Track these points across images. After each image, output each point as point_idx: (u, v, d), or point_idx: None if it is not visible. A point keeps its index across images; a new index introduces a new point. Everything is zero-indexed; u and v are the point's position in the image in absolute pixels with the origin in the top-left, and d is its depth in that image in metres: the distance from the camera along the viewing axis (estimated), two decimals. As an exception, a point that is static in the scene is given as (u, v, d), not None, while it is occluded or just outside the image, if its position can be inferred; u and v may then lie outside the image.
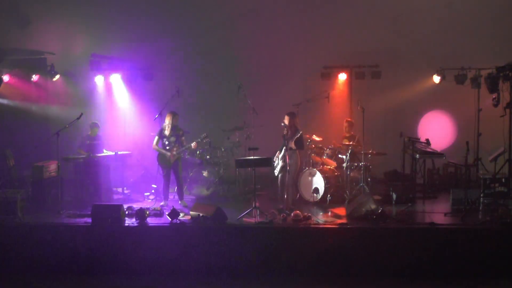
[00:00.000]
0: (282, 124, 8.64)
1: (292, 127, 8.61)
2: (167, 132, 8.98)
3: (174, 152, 8.94)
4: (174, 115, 8.96)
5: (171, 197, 9.33)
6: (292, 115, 8.72)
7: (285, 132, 8.64)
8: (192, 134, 9.47)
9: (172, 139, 8.98)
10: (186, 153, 9.52)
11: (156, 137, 9.06)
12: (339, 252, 7.33)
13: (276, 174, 8.76)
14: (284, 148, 8.51)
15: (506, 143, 8.50)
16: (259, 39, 11.45)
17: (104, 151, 9.99)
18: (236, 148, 10.42)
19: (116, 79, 11.27)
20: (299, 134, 8.52)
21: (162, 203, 8.97)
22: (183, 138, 9.09)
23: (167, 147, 9.00)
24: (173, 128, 8.97)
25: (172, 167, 9.03)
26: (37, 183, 8.96)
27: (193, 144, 8.94)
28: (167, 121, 8.97)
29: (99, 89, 11.36)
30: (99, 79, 11.18)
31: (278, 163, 8.64)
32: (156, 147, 9.06)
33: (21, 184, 9.42)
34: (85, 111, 9.07)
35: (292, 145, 8.53)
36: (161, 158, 9.05)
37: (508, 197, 8.31)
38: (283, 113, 8.81)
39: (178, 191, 9.20)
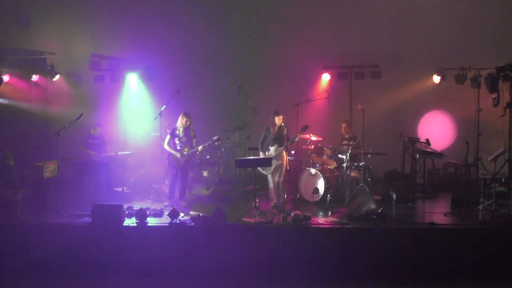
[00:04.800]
0: (283, 124, 8.64)
1: (283, 125, 8.64)
2: (179, 133, 8.99)
3: (185, 153, 8.95)
4: (187, 116, 8.95)
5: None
6: (281, 113, 8.72)
7: (276, 132, 8.61)
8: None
9: (184, 139, 8.98)
10: (196, 155, 9.51)
11: (168, 136, 9.06)
12: (339, 252, 7.33)
13: (270, 173, 8.70)
14: (277, 146, 8.53)
15: (506, 143, 8.50)
16: (259, 39, 11.45)
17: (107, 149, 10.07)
18: (236, 148, 10.43)
19: (116, 79, 11.26)
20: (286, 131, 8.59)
21: (165, 203, 8.99)
22: (194, 139, 9.09)
23: (178, 147, 9.02)
24: (186, 129, 8.98)
25: (181, 167, 9.05)
26: (37, 183, 8.96)
27: (200, 148, 8.97)
28: (179, 121, 8.96)
29: (99, 89, 11.38)
30: (99, 79, 11.20)
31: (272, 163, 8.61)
32: (167, 146, 9.06)
33: (21, 184, 9.43)
34: (85, 111, 9.07)
35: (286, 143, 8.57)
36: (171, 157, 9.07)
37: (508, 197, 8.32)
38: (283, 113, 8.79)
39: (180, 190, 9.20)
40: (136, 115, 11.45)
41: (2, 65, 10.26)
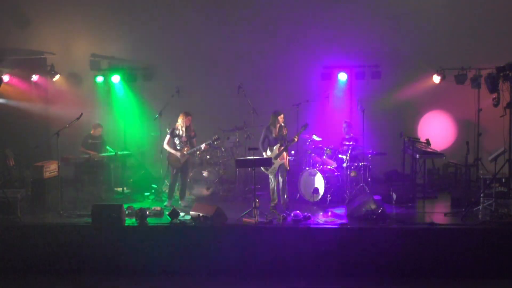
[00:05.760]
0: (282, 123, 8.64)
1: (283, 125, 8.66)
2: (179, 132, 8.98)
3: (185, 152, 8.95)
4: (187, 115, 8.96)
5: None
6: (282, 113, 8.73)
7: (277, 131, 8.62)
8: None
9: (184, 139, 8.99)
10: (197, 154, 9.56)
11: (168, 136, 9.07)
12: (339, 252, 7.33)
13: (273, 173, 8.69)
14: (279, 146, 8.54)
15: (506, 143, 8.49)
16: (259, 38, 11.44)
17: (108, 148, 10.10)
18: (236, 148, 10.43)
19: (116, 79, 11.27)
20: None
21: (165, 203, 8.99)
22: (194, 139, 9.10)
23: (178, 147, 9.02)
24: (186, 128, 8.98)
25: (181, 167, 9.05)
26: (37, 183, 8.95)
27: (203, 146, 8.97)
28: (180, 121, 8.96)
29: (99, 89, 11.38)
30: (99, 79, 11.21)
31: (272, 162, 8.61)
32: (167, 146, 9.06)
33: (21, 184, 9.43)
34: (85, 111, 9.07)
35: (286, 142, 8.59)
36: (171, 157, 9.07)
37: (508, 197, 8.31)
38: (283, 113, 8.80)
39: (180, 190, 9.20)
40: (136, 115, 11.45)
41: (2, 65, 10.26)
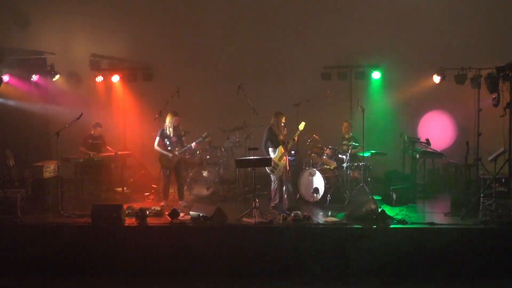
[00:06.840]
0: (283, 124, 8.64)
1: (283, 125, 8.67)
2: (168, 133, 8.98)
3: (176, 153, 8.95)
4: (175, 115, 8.97)
5: (170, 197, 9.33)
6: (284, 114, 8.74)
7: (281, 132, 8.62)
8: (192, 134, 9.49)
9: (174, 139, 8.99)
10: (187, 154, 9.59)
11: (158, 138, 9.05)
12: (339, 252, 7.33)
13: (278, 175, 8.69)
14: (281, 147, 8.54)
15: (506, 143, 8.48)
16: (259, 39, 11.45)
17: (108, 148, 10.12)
18: (236, 148, 10.43)
19: (116, 79, 11.27)
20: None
21: (162, 203, 8.98)
22: (184, 138, 9.11)
23: (169, 148, 9.01)
24: (174, 128, 8.98)
25: (174, 167, 9.04)
26: (37, 183, 8.95)
27: (193, 144, 8.99)
28: (168, 121, 8.97)
29: (99, 89, 11.39)
30: (99, 79, 11.20)
31: (277, 164, 8.61)
32: (158, 148, 9.05)
33: (21, 184, 9.43)
34: (85, 111, 9.07)
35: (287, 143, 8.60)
36: (163, 158, 9.06)
37: (508, 197, 8.31)
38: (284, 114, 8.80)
39: (178, 190, 9.20)
40: (136, 115, 11.45)
41: (2, 65, 10.27)
